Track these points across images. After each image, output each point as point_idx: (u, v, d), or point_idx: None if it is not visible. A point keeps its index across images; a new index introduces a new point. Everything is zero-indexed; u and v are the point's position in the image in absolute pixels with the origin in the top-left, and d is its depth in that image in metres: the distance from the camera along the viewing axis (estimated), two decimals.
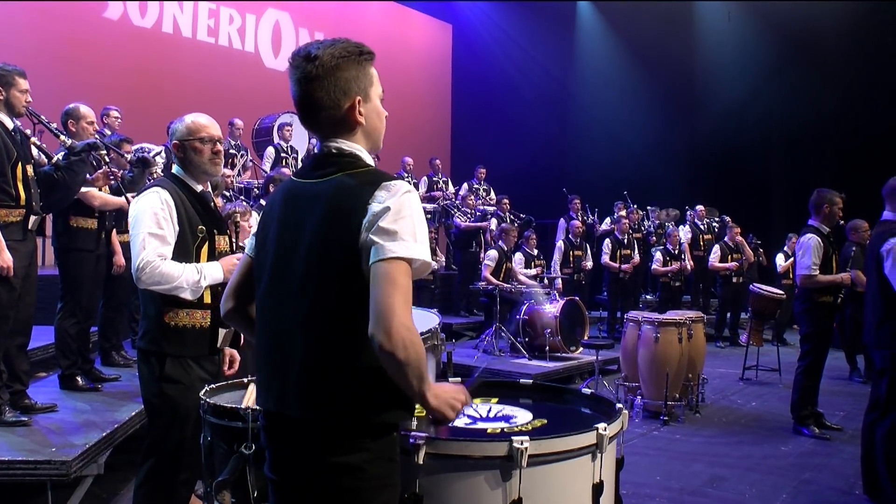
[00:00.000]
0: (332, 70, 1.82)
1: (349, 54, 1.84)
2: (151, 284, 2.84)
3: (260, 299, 1.93)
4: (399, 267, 1.67)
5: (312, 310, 1.77)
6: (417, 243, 1.71)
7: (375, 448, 1.76)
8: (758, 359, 8.54)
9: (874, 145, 12.15)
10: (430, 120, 16.85)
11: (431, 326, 2.78)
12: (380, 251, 1.68)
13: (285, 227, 1.87)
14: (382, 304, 1.64)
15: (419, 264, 1.73)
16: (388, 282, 1.65)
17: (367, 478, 1.75)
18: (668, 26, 15.04)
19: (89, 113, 5.35)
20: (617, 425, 2.36)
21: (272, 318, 1.87)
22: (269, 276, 1.89)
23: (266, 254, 1.91)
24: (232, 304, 2.09)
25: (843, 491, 4.78)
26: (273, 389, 1.84)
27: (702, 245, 11.95)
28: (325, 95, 1.83)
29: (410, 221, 1.72)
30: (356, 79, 1.85)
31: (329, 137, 1.89)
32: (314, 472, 1.76)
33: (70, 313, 5.22)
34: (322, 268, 1.76)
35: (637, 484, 4.76)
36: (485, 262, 9.38)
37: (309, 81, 1.82)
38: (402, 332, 1.62)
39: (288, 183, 1.96)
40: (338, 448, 1.74)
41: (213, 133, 3.06)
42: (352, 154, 1.87)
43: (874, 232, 4.44)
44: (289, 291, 1.82)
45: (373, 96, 1.91)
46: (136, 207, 2.93)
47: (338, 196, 1.78)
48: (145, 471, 3.01)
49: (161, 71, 11.67)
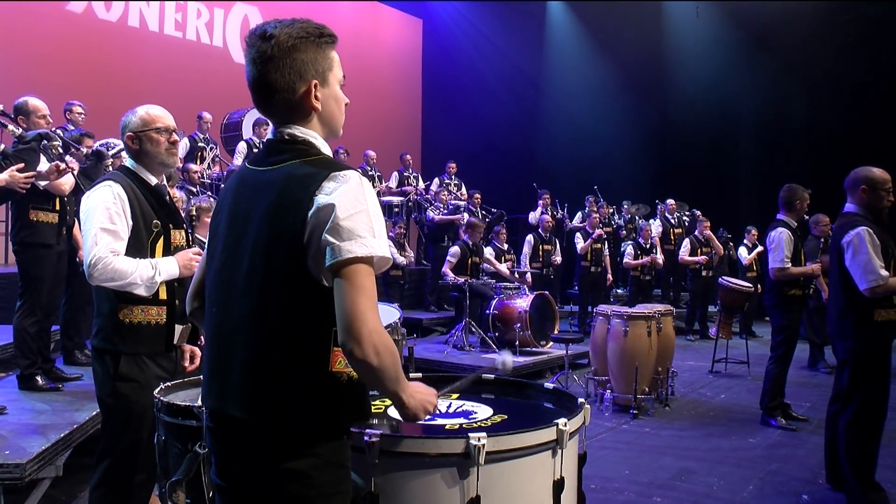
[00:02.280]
0: (288, 51, 1.72)
1: (308, 35, 1.75)
2: (104, 281, 2.77)
3: (208, 292, 1.85)
4: (360, 269, 1.60)
5: (257, 306, 1.69)
6: (376, 238, 1.63)
7: (324, 453, 1.68)
8: (727, 351, 8.60)
9: (840, 140, 12.33)
10: (401, 115, 16.79)
11: (392, 321, 2.74)
12: (337, 252, 1.58)
13: (234, 218, 1.79)
14: (349, 311, 1.57)
15: (379, 260, 1.65)
16: (352, 287, 1.58)
17: (315, 484, 1.66)
18: (637, 23, 15.11)
19: (40, 106, 5.15)
20: (578, 420, 2.33)
21: (219, 313, 1.79)
22: (216, 269, 1.81)
23: (216, 245, 1.84)
24: (199, 302, 1.98)
25: (808, 481, 4.82)
26: (215, 386, 1.77)
27: (672, 239, 12.04)
28: (280, 77, 1.73)
29: (366, 216, 1.63)
30: (314, 61, 1.76)
31: (283, 123, 1.79)
32: (260, 477, 1.68)
33: (29, 312, 5.07)
34: (266, 262, 1.68)
35: (605, 479, 4.76)
36: (447, 258, 9.34)
37: (264, 62, 1.73)
38: (373, 338, 1.56)
39: (242, 169, 1.88)
40: (284, 453, 1.66)
41: (169, 123, 3.01)
42: (305, 141, 1.77)
43: (836, 224, 4.47)
44: (235, 286, 1.74)
45: (331, 81, 1.81)
46: (87, 202, 2.86)
47: (285, 186, 1.69)
48: (100, 472, 2.94)
49: (127, 66, 11.49)
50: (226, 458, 1.77)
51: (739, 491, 4.62)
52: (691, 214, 12.80)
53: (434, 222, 11.17)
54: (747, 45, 14.29)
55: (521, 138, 16.11)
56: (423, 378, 2.73)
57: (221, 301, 1.79)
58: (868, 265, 4.05)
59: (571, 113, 15.70)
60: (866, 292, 4.07)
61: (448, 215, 11.20)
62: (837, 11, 12.95)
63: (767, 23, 13.82)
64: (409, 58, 17.54)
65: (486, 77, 16.67)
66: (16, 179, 4.17)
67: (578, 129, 15.46)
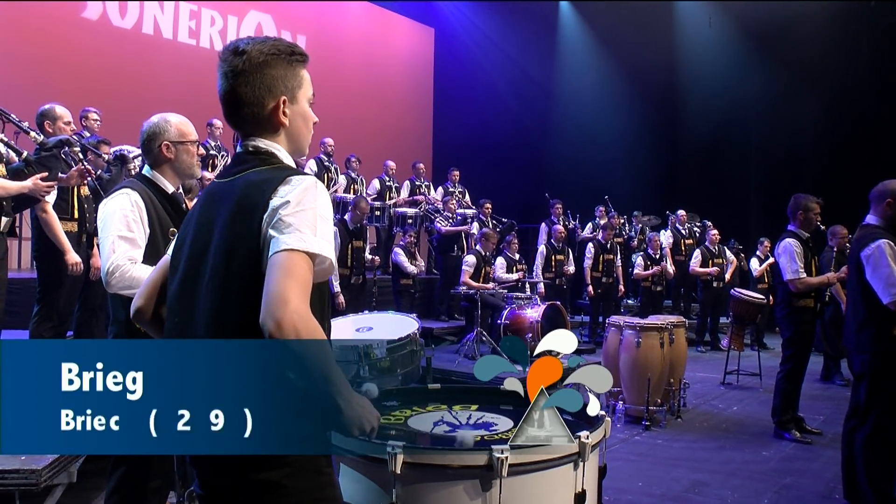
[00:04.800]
0: (258, 66, 1.77)
1: (279, 52, 1.80)
2: (122, 289, 2.78)
3: (170, 301, 1.86)
4: (295, 257, 1.58)
5: (217, 312, 1.70)
6: (316, 237, 1.63)
7: (297, 461, 1.65)
8: (739, 363, 8.54)
9: (852, 151, 12.29)
10: (412, 123, 16.80)
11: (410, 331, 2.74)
12: (276, 244, 1.60)
13: (199, 228, 1.82)
14: (274, 290, 1.53)
15: (321, 261, 1.64)
16: (282, 270, 1.56)
17: (289, 493, 1.64)
18: (649, 31, 15.09)
19: (65, 113, 5.25)
20: (599, 433, 2.33)
21: (181, 322, 1.79)
22: (180, 278, 1.82)
23: (181, 255, 1.85)
24: (142, 302, 1.97)
25: (824, 495, 4.78)
26: None
27: (683, 250, 11.99)
28: (250, 91, 1.78)
29: (311, 215, 1.65)
30: (283, 78, 1.81)
31: (249, 136, 1.84)
32: (235, 489, 1.66)
33: (46, 317, 5.11)
34: (227, 267, 1.70)
35: (618, 490, 4.73)
36: (463, 268, 9.34)
37: (235, 76, 1.78)
38: (294, 319, 1.49)
39: (210, 184, 1.92)
40: (256, 462, 1.62)
41: (196, 136, 3.11)
42: (267, 152, 1.82)
43: (856, 236, 4.45)
44: (198, 293, 1.75)
45: (300, 99, 1.86)
46: (104, 210, 2.87)
47: (243, 192, 1.73)
48: (116, 479, 2.95)
49: (141, 72, 11.54)
50: (201, 469, 1.76)
51: None
52: (702, 225, 12.76)
53: (441, 234, 11.14)
54: (759, 54, 14.25)
55: (531, 147, 16.10)
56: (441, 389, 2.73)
57: (183, 310, 1.79)
58: (890, 278, 4.03)
59: (582, 122, 15.68)
60: (891, 305, 4.04)
61: (455, 226, 11.18)
62: (850, 20, 12.94)
63: (780, 32, 13.79)
64: (421, 66, 17.56)
65: (498, 86, 16.67)
66: (39, 187, 4.21)
67: (589, 138, 15.42)
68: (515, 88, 16.60)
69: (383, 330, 4.57)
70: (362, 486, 2.11)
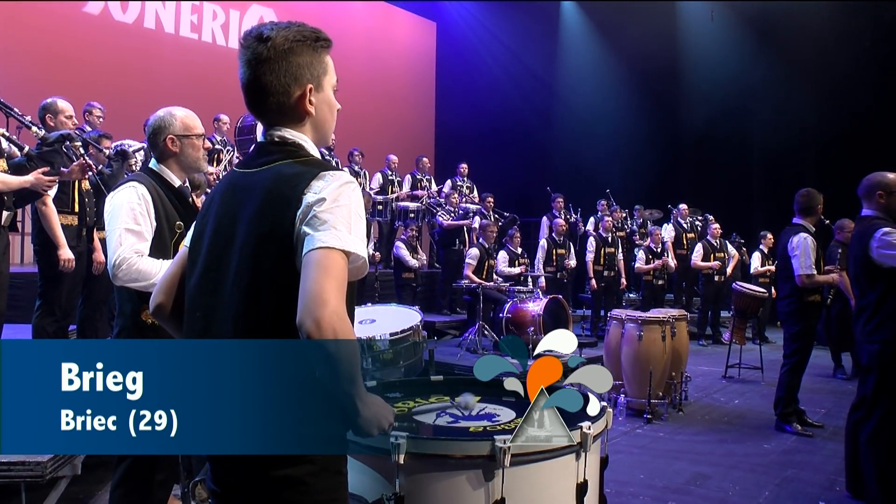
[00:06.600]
0: (284, 54, 1.71)
1: (304, 38, 1.74)
2: (128, 281, 2.80)
3: (190, 295, 1.80)
4: (332, 254, 1.55)
5: (244, 307, 1.65)
6: (352, 235, 1.59)
7: (320, 460, 1.63)
8: (740, 357, 8.57)
9: (854, 145, 12.26)
10: (414, 118, 16.78)
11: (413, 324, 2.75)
12: (311, 241, 1.56)
13: (221, 219, 1.76)
14: (312, 290, 1.50)
15: (356, 260, 1.61)
16: (320, 268, 1.52)
17: (311, 492, 1.62)
18: (651, 26, 15.05)
19: (67, 107, 5.24)
20: (601, 424, 2.34)
21: (203, 317, 1.74)
22: (201, 271, 1.77)
23: (201, 247, 1.79)
24: (162, 298, 1.90)
25: (825, 487, 4.80)
26: None
27: (685, 244, 11.99)
28: (275, 80, 1.72)
29: (346, 212, 1.61)
30: (309, 65, 1.75)
31: (274, 125, 1.78)
32: (254, 485, 1.64)
33: (48, 312, 5.12)
34: (255, 262, 1.64)
35: (620, 482, 4.75)
36: (466, 261, 9.36)
37: (259, 63, 1.71)
38: (334, 321, 1.47)
39: (230, 173, 1.86)
40: (279, 459, 1.60)
41: (202, 129, 3.12)
42: (294, 143, 1.76)
43: (856, 229, 4.45)
44: (222, 288, 1.70)
45: (326, 86, 1.80)
46: (111, 203, 2.89)
47: (273, 186, 1.67)
48: (121, 472, 2.97)
49: (143, 67, 11.53)
50: (219, 464, 1.73)
51: (755, 496, 4.61)
52: (704, 219, 12.75)
53: (443, 228, 11.14)
54: (762, 48, 14.22)
55: (533, 141, 16.08)
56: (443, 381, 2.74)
57: (206, 305, 1.74)
58: None
59: (584, 116, 15.65)
60: None
61: (457, 220, 11.18)
62: (853, 15, 12.90)
63: (782, 27, 13.76)
64: (424, 61, 17.53)
65: (500, 80, 16.64)
66: (41, 182, 4.22)
67: (591, 132, 15.41)
68: (517, 82, 16.56)
69: (386, 322, 4.58)
70: (366, 477, 2.12)
